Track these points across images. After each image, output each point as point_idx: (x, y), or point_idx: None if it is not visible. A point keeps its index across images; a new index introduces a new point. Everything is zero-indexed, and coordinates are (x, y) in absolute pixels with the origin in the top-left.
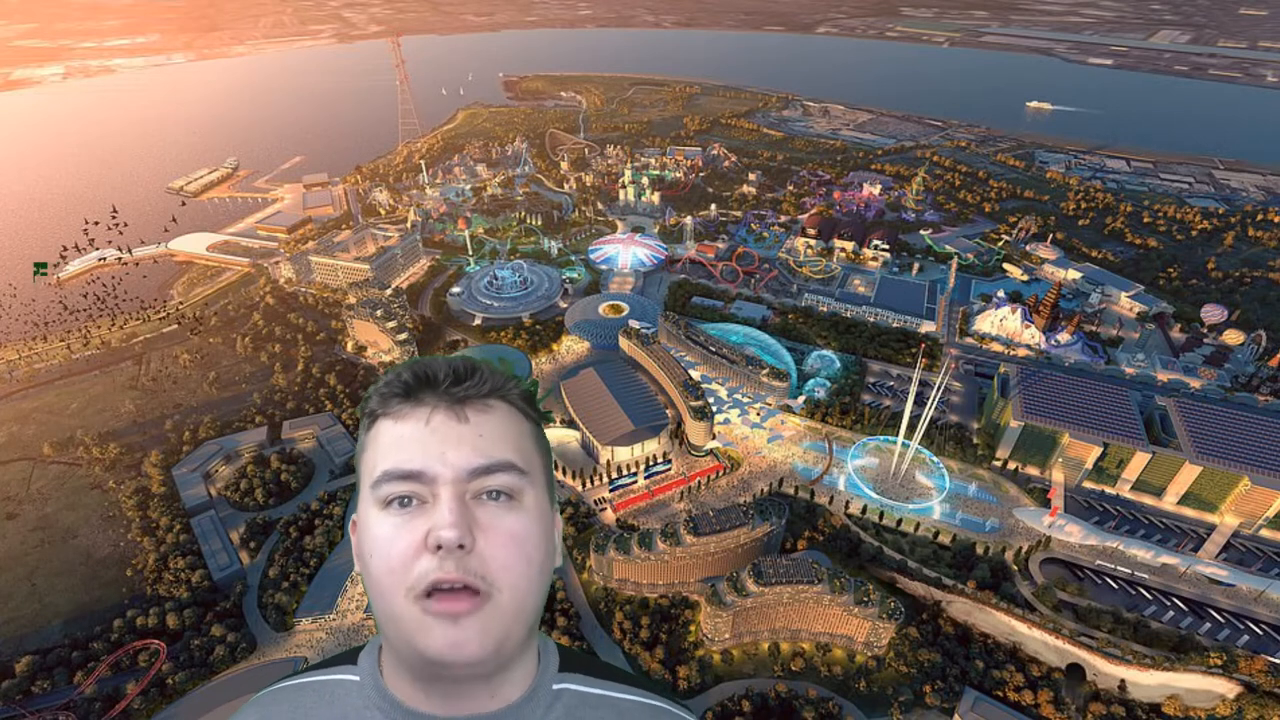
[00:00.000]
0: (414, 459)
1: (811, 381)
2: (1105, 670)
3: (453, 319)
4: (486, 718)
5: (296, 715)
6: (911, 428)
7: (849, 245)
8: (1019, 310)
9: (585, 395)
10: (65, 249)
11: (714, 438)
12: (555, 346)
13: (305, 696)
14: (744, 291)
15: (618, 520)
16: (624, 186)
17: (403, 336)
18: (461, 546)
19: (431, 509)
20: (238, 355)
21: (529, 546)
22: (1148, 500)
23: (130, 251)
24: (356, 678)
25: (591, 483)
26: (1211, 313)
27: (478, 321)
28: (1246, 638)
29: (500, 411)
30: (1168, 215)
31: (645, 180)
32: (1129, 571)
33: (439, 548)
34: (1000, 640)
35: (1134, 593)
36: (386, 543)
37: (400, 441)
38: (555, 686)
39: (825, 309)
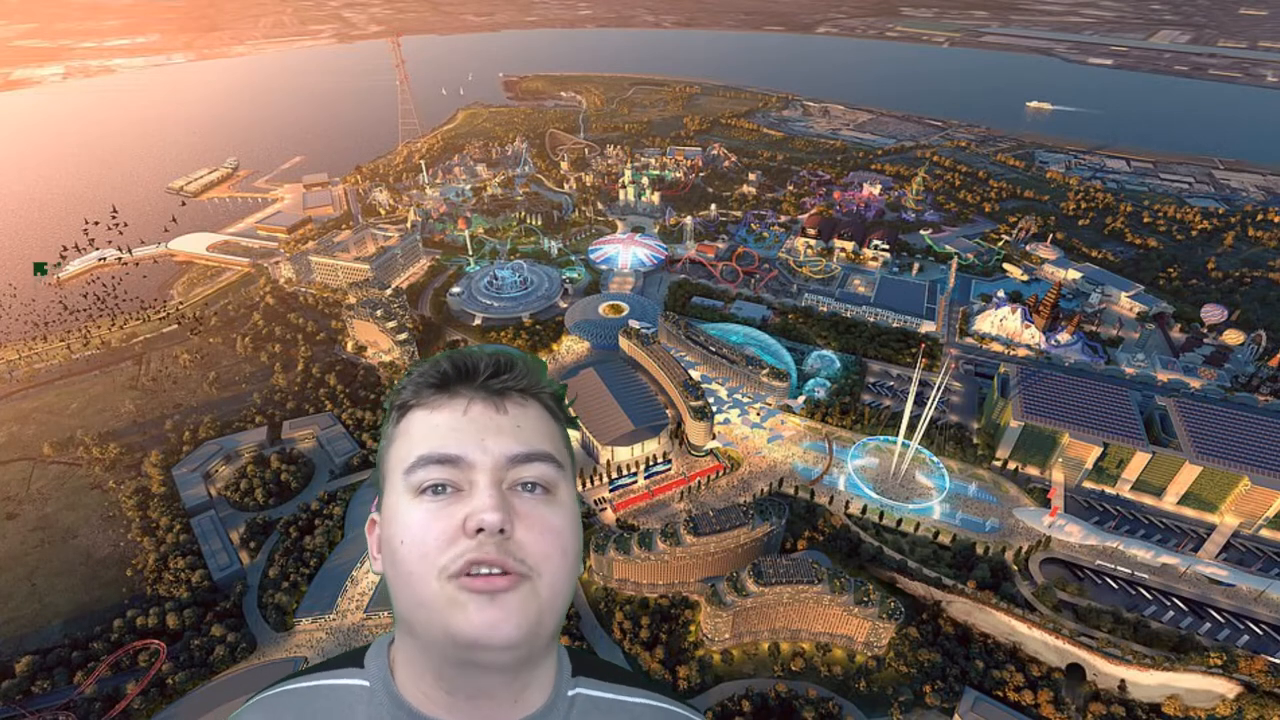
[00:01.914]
0: (452, 445)
1: (811, 381)
2: (1105, 670)
3: (453, 319)
4: None
5: None
6: (911, 428)
7: (849, 245)
8: (1019, 310)
9: (585, 395)
10: (65, 249)
11: (714, 438)
12: (555, 346)
13: (315, 701)
14: (744, 291)
15: (618, 520)
16: (624, 186)
17: (403, 336)
18: (502, 531)
19: (468, 496)
20: (238, 355)
21: (565, 539)
22: (1148, 500)
23: (130, 251)
24: (366, 683)
25: (591, 483)
26: (1211, 313)
27: (478, 321)
28: (1246, 638)
29: (535, 408)
30: (1168, 215)
31: (645, 180)
32: (1129, 571)
33: (479, 531)
34: (1000, 640)
35: (1134, 593)
36: (421, 528)
37: (437, 430)
38: (569, 692)
39: (825, 309)
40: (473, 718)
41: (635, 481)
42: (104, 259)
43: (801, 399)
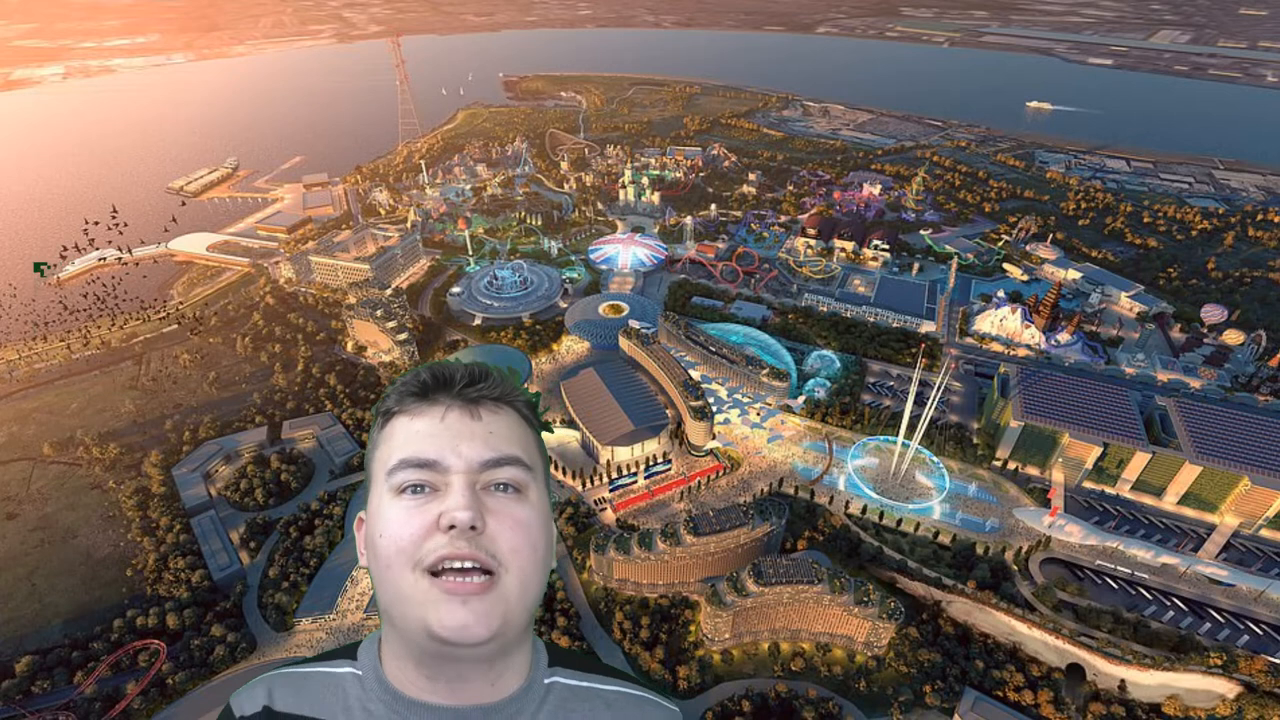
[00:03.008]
0: (429, 449)
1: (811, 381)
2: (1105, 670)
3: (453, 319)
4: (487, 708)
5: (301, 702)
6: (911, 428)
7: (849, 245)
8: (1019, 310)
9: (585, 395)
10: (65, 249)
11: (714, 438)
12: (555, 346)
13: (309, 685)
14: (744, 291)
15: (618, 520)
16: (624, 186)
17: (403, 336)
18: (474, 528)
19: (443, 496)
20: (238, 355)
21: (534, 535)
22: (1148, 500)
23: (130, 251)
24: (359, 671)
25: (591, 483)
26: (1211, 313)
27: (478, 321)
28: (1246, 638)
29: (508, 414)
30: (1168, 215)
31: (645, 180)
32: (1129, 571)
33: (451, 527)
34: (1000, 640)
35: (1134, 593)
36: (398, 524)
37: (416, 435)
38: (546, 680)
39: (825, 309)
40: (452, 700)
41: (635, 481)
42: (104, 259)
43: (801, 399)
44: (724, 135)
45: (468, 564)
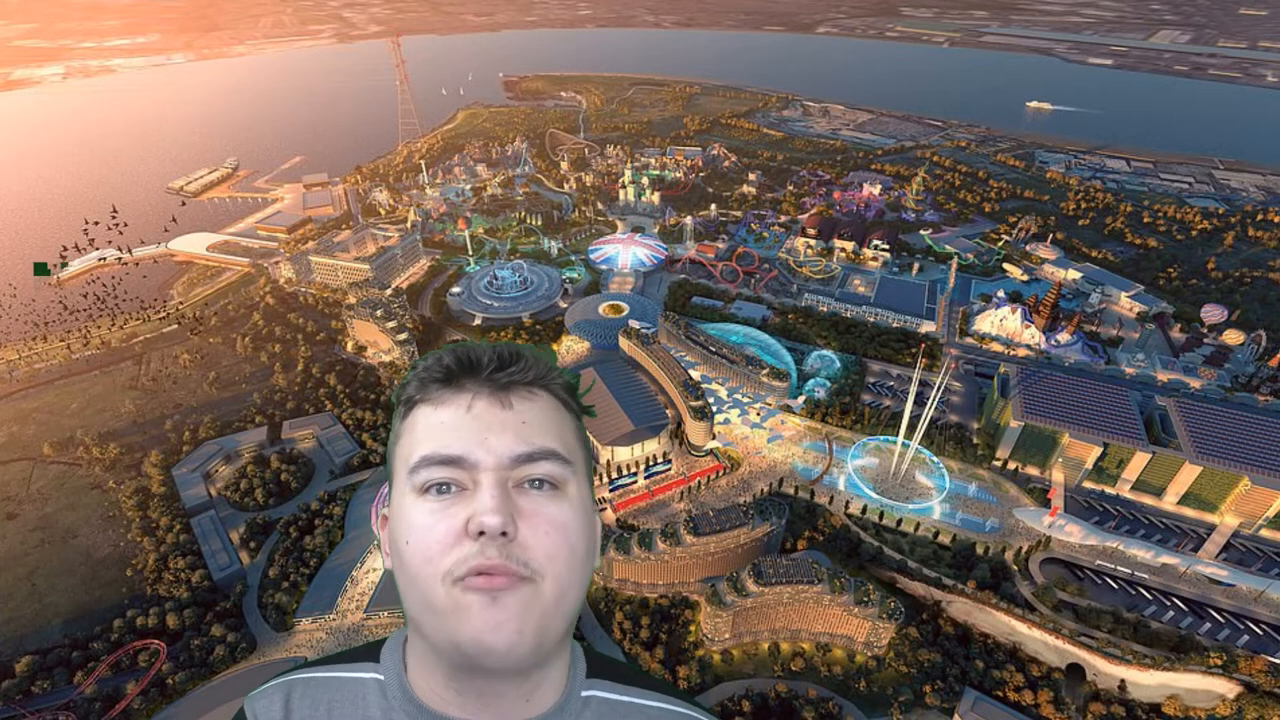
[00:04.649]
0: (454, 444)
1: (811, 381)
2: (1105, 670)
3: (453, 319)
4: None
5: (318, 710)
6: (911, 428)
7: (849, 245)
8: (1019, 310)
9: (585, 395)
10: (65, 249)
11: (714, 438)
12: (555, 346)
13: (329, 692)
14: (744, 291)
15: (618, 520)
16: (624, 186)
17: (403, 336)
18: (504, 534)
19: (471, 496)
20: (238, 355)
21: (572, 536)
22: (1148, 500)
23: (130, 251)
24: (381, 677)
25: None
26: (1211, 313)
27: (478, 321)
28: (1246, 638)
29: (544, 400)
30: (1168, 215)
31: (645, 180)
32: (1129, 571)
33: (481, 534)
34: (1000, 640)
35: (1134, 593)
36: (424, 530)
37: (440, 427)
38: (583, 693)
39: (825, 309)
40: (483, 715)
41: (635, 481)
42: (104, 259)
43: (801, 399)
44: (724, 135)
45: (499, 573)
